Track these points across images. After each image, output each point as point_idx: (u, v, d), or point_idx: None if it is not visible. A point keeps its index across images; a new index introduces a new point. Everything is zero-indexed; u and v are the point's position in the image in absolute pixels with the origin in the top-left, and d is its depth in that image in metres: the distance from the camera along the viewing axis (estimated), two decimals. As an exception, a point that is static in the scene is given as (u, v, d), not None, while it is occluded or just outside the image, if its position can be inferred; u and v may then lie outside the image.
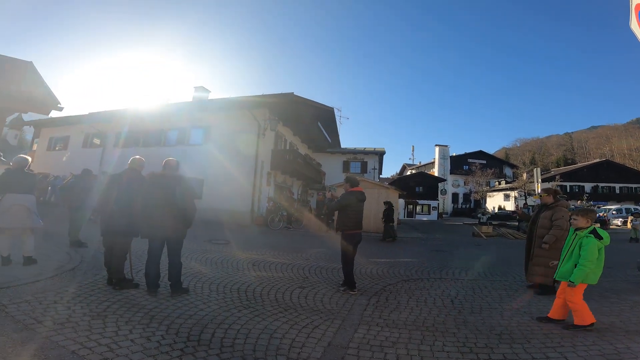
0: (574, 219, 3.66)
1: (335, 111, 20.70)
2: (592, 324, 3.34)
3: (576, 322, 3.38)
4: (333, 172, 25.10)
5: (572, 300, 3.39)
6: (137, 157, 4.51)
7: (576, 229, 3.60)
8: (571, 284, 3.35)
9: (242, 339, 2.89)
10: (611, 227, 23.23)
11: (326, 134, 21.83)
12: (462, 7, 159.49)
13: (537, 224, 5.02)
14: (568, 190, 40.70)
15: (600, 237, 3.42)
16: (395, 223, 17.59)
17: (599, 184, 42.30)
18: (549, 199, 5.05)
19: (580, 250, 3.42)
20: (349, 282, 4.66)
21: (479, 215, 21.67)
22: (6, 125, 17.97)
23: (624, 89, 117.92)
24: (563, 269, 3.55)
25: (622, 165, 47.90)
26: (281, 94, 14.44)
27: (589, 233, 3.47)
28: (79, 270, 4.72)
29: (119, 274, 4.10)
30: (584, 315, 3.35)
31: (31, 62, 11.20)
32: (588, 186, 41.76)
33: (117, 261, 4.12)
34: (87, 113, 19.50)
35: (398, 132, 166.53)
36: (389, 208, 12.01)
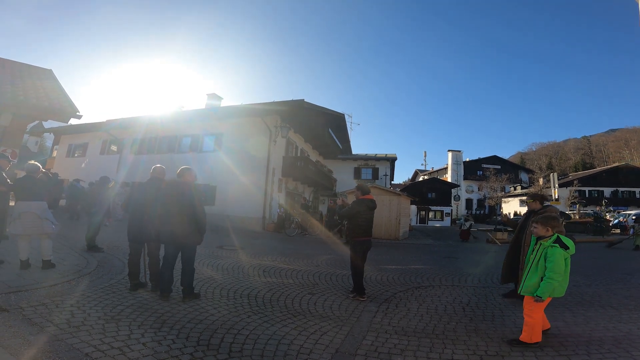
0: (534, 227, 3.37)
1: (346, 117, 20.82)
2: (536, 343, 3.10)
3: (522, 337, 3.13)
4: (344, 179, 25.10)
5: (531, 315, 3.12)
6: (159, 165, 4.68)
7: (538, 238, 3.30)
8: (539, 299, 3.05)
9: (251, 344, 2.92)
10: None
11: (337, 141, 21.91)
12: (475, 10, 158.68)
13: (525, 230, 4.68)
14: (587, 195, 39.62)
15: (566, 247, 3.12)
16: (408, 229, 17.46)
17: (618, 188, 41.01)
18: (536, 205, 4.80)
19: (545, 262, 3.12)
20: (359, 289, 4.65)
21: (461, 221, 18.48)
22: (27, 132, 18.64)
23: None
24: (529, 282, 3.20)
25: (642, 169, 46.33)
26: (292, 100, 14.59)
27: (554, 243, 3.15)
28: (95, 274, 4.85)
29: (155, 278, 4.29)
30: (534, 332, 3.10)
31: (50, 70, 11.60)
32: (607, 191, 40.54)
33: (153, 267, 4.35)
34: (104, 120, 20.06)
35: (410, 137, 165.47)
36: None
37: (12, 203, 5.49)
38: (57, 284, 4.16)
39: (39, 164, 5.08)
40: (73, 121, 10.38)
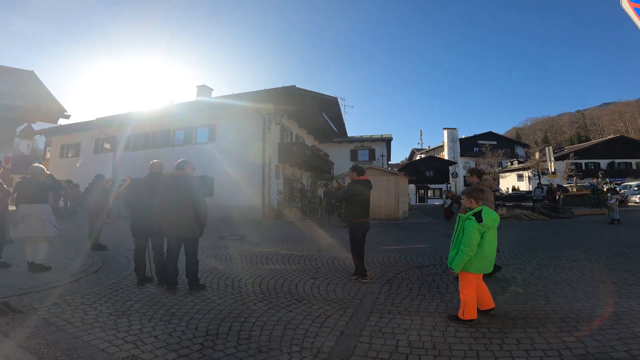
0: (461, 200, 3.37)
1: (340, 100, 20.66)
2: (470, 320, 3.10)
3: (459, 313, 3.17)
4: (341, 162, 25.13)
5: (462, 290, 3.16)
6: (156, 160, 4.73)
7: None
8: (453, 272, 3.13)
9: (258, 330, 3.01)
10: (629, 204, 22.73)
11: (332, 124, 21.82)
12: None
13: None
14: (583, 167, 39.78)
15: (480, 220, 3.03)
16: (407, 209, 17.55)
17: (614, 160, 41.17)
18: (474, 179, 4.82)
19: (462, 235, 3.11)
20: (360, 271, 4.74)
21: (444, 199, 17.29)
22: (17, 136, 18.41)
23: (635, 65, 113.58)
24: (450, 255, 3.22)
25: (637, 140, 46.37)
26: (283, 87, 14.50)
27: (472, 215, 3.11)
28: (102, 272, 4.94)
29: (161, 272, 4.37)
30: (467, 308, 3.11)
31: (32, 72, 11.44)
32: (604, 163, 40.70)
33: (158, 261, 4.41)
34: (94, 119, 19.82)
35: (405, 117, 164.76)
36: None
37: (11, 207, 5.51)
38: (66, 283, 4.25)
39: (43, 167, 5.06)
40: (62, 121, 10.33)
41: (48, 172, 5.13)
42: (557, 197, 16.81)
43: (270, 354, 2.60)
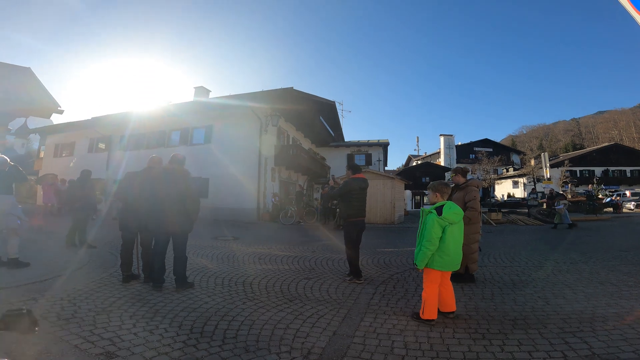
0: (428, 195, 3.32)
1: (337, 105, 20.64)
2: (430, 320, 3.01)
3: (420, 312, 3.09)
4: (338, 166, 24.99)
5: (424, 287, 3.08)
6: (155, 155, 4.60)
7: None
8: (416, 267, 3.04)
9: (246, 330, 2.86)
10: (624, 210, 22.87)
11: (329, 128, 21.74)
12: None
13: None
14: (578, 174, 40.05)
15: (440, 213, 2.96)
16: (403, 213, 17.47)
17: (609, 167, 41.49)
18: (460, 179, 4.70)
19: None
20: (355, 272, 4.60)
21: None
22: (12, 134, 18.17)
23: (630, 74, 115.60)
24: (415, 251, 3.12)
25: (631, 148, 46.84)
26: (281, 89, 14.39)
27: (433, 209, 3.02)
28: (86, 268, 4.76)
29: (148, 269, 4.19)
30: (426, 306, 3.01)
31: (29, 68, 11.31)
32: (598, 170, 41.01)
33: (146, 257, 4.24)
34: (90, 118, 19.62)
35: (402, 123, 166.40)
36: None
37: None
38: (47, 279, 4.07)
39: (6, 157, 4.75)
40: (58, 120, 10.26)
41: (12, 164, 4.85)
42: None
43: (258, 353, 2.45)
